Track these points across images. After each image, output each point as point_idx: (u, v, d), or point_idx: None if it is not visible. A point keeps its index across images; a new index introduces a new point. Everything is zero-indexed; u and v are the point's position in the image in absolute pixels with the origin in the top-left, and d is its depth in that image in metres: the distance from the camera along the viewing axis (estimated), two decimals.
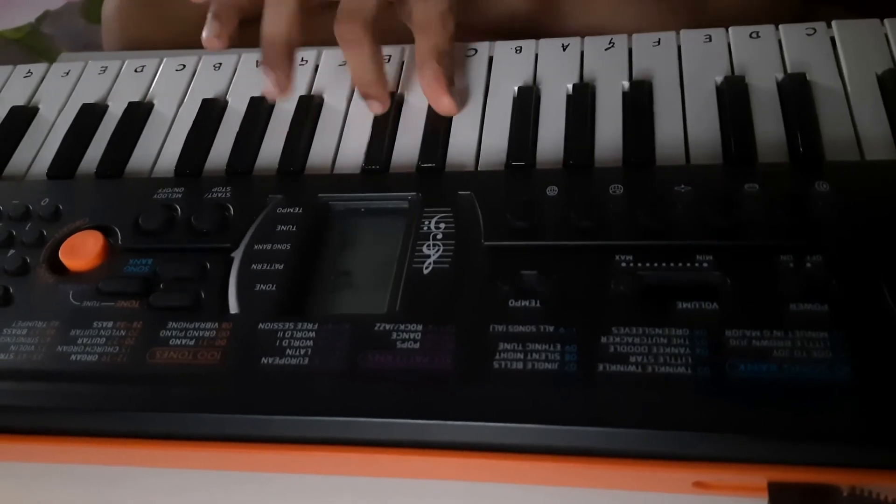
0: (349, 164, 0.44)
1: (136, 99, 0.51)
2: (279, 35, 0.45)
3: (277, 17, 0.45)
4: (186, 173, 0.45)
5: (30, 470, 0.38)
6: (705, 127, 0.42)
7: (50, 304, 0.39)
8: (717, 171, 0.39)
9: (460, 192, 0.40)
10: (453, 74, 0.46)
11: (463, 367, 0.33)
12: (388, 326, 0.35)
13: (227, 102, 0.49)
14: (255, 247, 0.39)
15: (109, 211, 0.42)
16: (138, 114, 0.49)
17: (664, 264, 0.35)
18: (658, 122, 0.42)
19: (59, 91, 0.53)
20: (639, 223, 0.36)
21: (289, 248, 0.39)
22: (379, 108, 0.46)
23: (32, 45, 0.94)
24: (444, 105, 0.45)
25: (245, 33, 0.47)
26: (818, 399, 0.30)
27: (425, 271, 0.37)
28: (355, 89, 0.48)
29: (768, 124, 0.41)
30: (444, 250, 0.37)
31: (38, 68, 0.55)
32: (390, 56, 0.49)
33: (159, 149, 0.48)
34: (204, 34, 0.46)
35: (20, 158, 0.49)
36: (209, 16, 0.46)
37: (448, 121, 0.45)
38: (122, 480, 0.37)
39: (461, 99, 0.46)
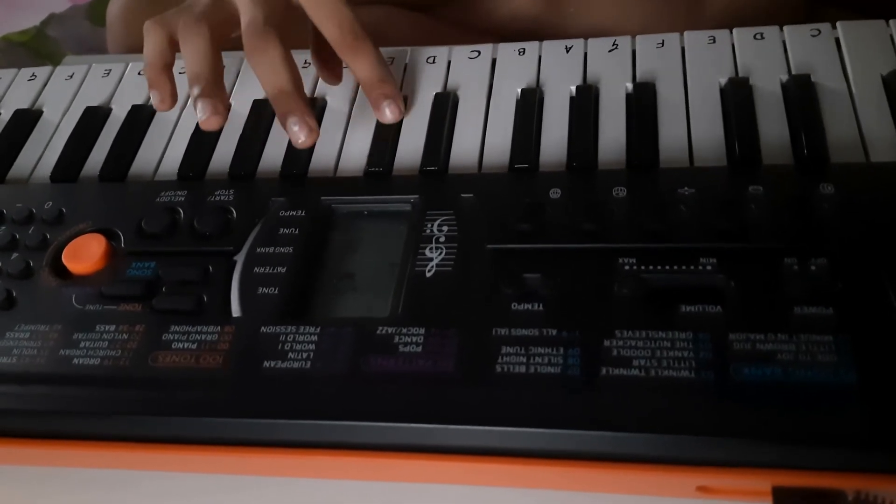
0: (352, 167, 0.44)
1: (140, 102, 0.51)
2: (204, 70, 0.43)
3: (194, 54, 0.43)
4: (189, 176, 0.45)
5: (31, 474, 0.38)
6: (709, 129, 0.41)
7: (53, 307, 0.39)
8: (721, 173, 0.39)
9: (463, 195, 0.39)
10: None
11: (465, 371, 0.33)
12: (390, 330, 0.35)
13: (230, 105, 0.49)
14: (258, 250, 0.39)
15: (112, 214, 0.43)
16: (141, 117, 0.50)
17: (668, 267, 0.35)
18: (662, 123, 0.42)
19: (62, 94, 0.53)
20: (642, 226, 0.36)
21: (291, 251, 0.39)
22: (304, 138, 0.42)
23: (38, 49, 0.95)
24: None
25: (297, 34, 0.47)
26: (823, 403, 0.30)
27: (428, 274, 0.37)
28: (358, 92, 0.48)
29: (773, 126, 0.41)
30: (446, 253, 0.37)
31: (42, 71, 0.55)
32: (393, 58, 0.49)
33: (162, 152, 0.48)
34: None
35: (24, 161, 0.49)
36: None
37: (451, 123, 0.45)
38: (123, 484, 0.37)
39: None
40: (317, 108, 0.47)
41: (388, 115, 0.45)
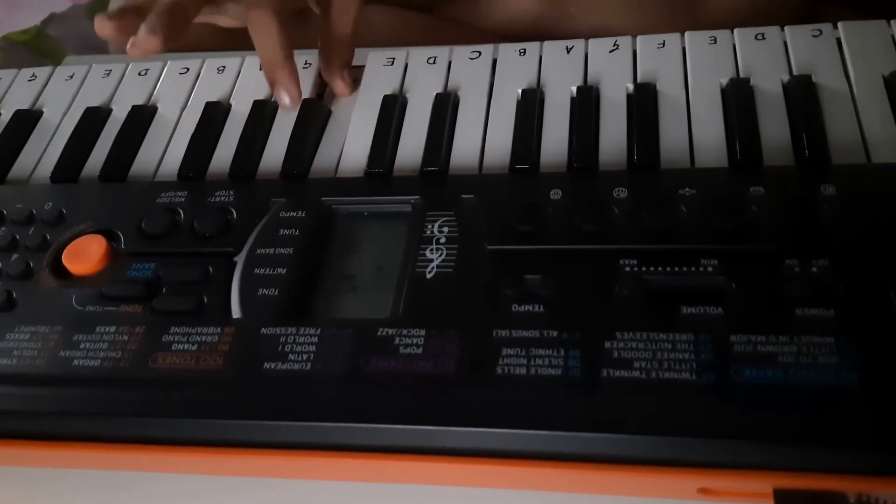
0: (352, 168, 0.44)
1: (140, 102, 0.51)
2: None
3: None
4: (190, 177, 0.45)
5: (32, 475, 0.38)
6: (710, 130, 0.41)
7: (53, 308, 0.39)
8: (722, 174, 0.39)
9: (463, 196, 0.39)
10: (351, 56, 0.49)
11: (466, 373, 0.33)
12: (390, 331, 0.35)
13: (230, 106, 0.49)
14: (258, 251, 0.39)
15: (113, 215, 0.42)
16: (142, 117, 0.49)
17: (669, 268, 0.35)
18: (663, 124, 0.42)
19: (63, 94, 0.53)
20: (643, 227, 0.36)
21: (292, 252, 0.39)
22: (288, 102, 0.46)
23: (39, 48, 0.95)
24: (339, 87, 0.48)
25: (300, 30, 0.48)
26: (824, 404, 0.30)
27: (428, 276, 0.36)
28: (358, 93, 0.48)
29: (774, 127, 0.41)
30: (447, 254, 0.37)
31: (42, 72, 0.55)
32: (394, 59, 0.49)
33: (163, 152, 0.48)
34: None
35: (24, 162, 0.49)
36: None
37: (452, 124, 0.45)
38: (123, 485, 0.37)
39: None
40: (323, 115, 0.47)
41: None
